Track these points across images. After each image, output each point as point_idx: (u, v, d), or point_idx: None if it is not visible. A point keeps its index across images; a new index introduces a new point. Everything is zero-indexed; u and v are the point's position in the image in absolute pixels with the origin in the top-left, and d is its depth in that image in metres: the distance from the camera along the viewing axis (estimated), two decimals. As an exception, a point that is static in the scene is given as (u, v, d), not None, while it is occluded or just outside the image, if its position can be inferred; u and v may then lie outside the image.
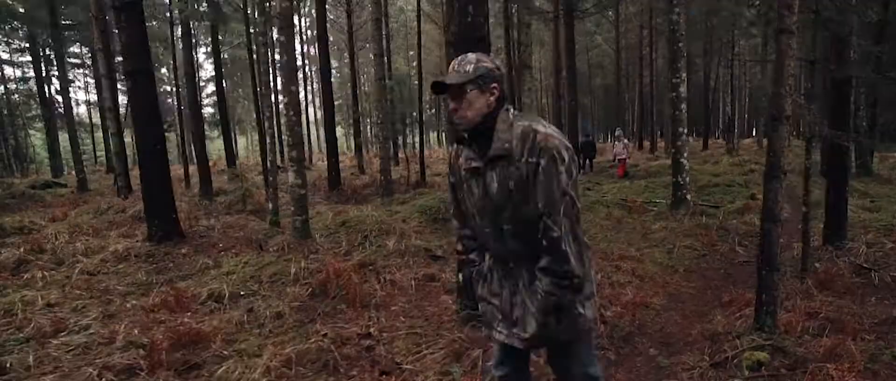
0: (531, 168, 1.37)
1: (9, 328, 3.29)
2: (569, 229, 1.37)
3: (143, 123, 5.25)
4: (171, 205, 5.47)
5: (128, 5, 5.09)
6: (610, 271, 4.20)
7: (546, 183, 1.36)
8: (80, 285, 4.27)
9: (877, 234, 4.89)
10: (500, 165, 1.42)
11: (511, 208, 1.42)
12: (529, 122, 1.42)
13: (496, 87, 1.46)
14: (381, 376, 2.32)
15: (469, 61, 1.46)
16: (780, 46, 2.63)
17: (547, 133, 1.38)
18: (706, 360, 2.70)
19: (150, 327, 3.15)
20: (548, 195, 1.36)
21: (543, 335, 1.47)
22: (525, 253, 1.46)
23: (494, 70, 1.46)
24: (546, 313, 1.43)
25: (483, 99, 1.44)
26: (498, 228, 1.47)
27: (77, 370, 2.64)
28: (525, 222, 1.42)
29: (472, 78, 1.43)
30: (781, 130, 2.68)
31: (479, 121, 1.45)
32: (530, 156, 1.37)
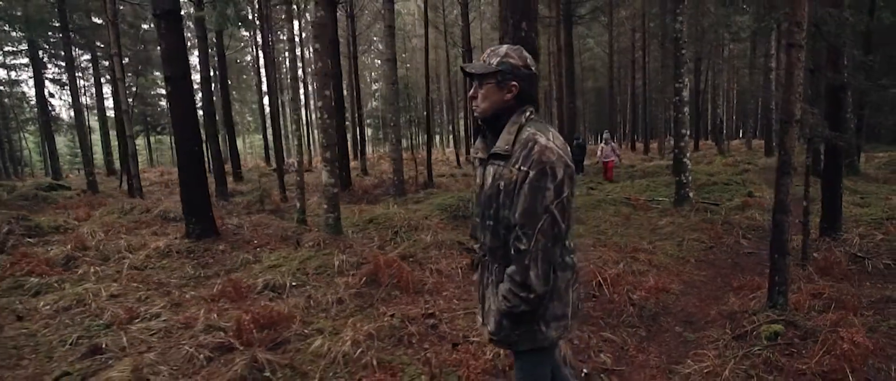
0: (520, 176, 1.37)
1: (87, 316, 3.55)
2: (541, 247, 1.35)
3: (181, 126, 5.51)
4: (207, 204, 5.72)
5: (168, 13, 5.35)
6: (629, 262, 4.57)
7: (529, 196, 1.35)
8: (134, 278, 4.52)
9: (867, 227, 5.33)
10: (498, 162, 1.45)
11: (496, 206, 1.46)
12: (536, 130, 1.41)
13: (516, 85, 1.46)
14: (454, 347, 2.65)
15: (497, 54, 1.47)
16: (791, 59, 3.02)
17: (546, 146, 1.37)
18: (728, 333, 3.07)
19: (221, 313, 3.44)
20: (527, 208, 1.35)
21: (500, 336, 1.51)
22: (499, 251, 1.49)
23: (519, 68, 1.46)
24: (501, 314, 1.46)
25: (499, 94, 1.46)
26: (485, 219, 1.52)
27: (170, 349, 2.93)
28: (504, 223, 1.45)
29: (493, 71, 1.46)
30: (792, 132, 3.07)
31: (490, 114, 1.48)
32: (523, 164, 1.37)
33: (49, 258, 5.00)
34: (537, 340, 1.49)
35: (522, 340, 1.50)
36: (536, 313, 1.46)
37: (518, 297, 1.40)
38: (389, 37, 8.30)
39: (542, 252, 1.36)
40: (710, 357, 2.77)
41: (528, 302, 1.40)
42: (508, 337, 1.51)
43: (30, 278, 4.51)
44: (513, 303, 1.41)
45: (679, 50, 6.90)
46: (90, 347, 2.96)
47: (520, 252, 1.37)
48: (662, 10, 17.91)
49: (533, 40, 2.88)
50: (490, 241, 1.51)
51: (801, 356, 2.69)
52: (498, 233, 1.48)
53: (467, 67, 1.50)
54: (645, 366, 2.85)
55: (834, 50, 4.34)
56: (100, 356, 2.90)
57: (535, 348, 1.52)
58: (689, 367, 2.72)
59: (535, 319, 1.47)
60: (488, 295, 1.54)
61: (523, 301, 1.40)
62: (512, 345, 1.54)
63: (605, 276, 3.87)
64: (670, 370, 2.77)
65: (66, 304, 3.80)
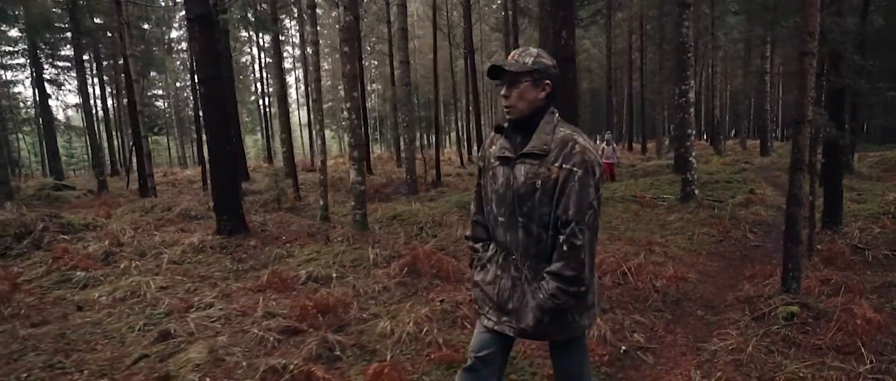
0: (564, 174, 1.41)
1: (145, 306, 3.76)
2: (589, 241, 1.43)
3: (214, 126, 5.71)
4: (238, 202, 5.93)
5: (201, 17, 5.55)
6: (647, 254, 4.85)
7: (579, 192, 1.41)
8: (175, 272, 4.73)
9: (865, 221, 5.66)
10: (531, 161, 1.47)
11: (531, 203, 1.47)
12: (571, 131, 1.48)
13: (549, 84, 1.51)
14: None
15: (530, 54, 1.51)
16: (804, 65, 3.31)
17: (585, 146, 1.44)
18: (747, 315, 3.36)
19: (276, 302, 3.67)
20: (579, 204, 1.41)
21: (538, 330, 1.54)
22: (531, 248, 1.51)
23: (551, 68, 1.51)
24: (544, 311, 1.48)
25: (535, 92, 1.49)
26: (513, 218, 1.52)
27: (237, 333, 3.15)
28: (540, 221, 1.48)
29: (530, 69, 1.48)
30: (805, 132, 3.36)
31: (527, 113, 1.50)
32: (565, 162, 1.42)
33: (89, 254, 5.20)
34: (572, 330, 1.56)
35: (559, 331, 1.56)
36: (577, 306, 1.51)
37: (568, 293, 1.43)
38: (403, 40, 8.55)
39: (590, 246, 1.44)
40: (733, 336, 3.05)
41: (577, 296, 1.45)
42: (547, 331, 1.54)
43: (75, 272, 4.70)
44: (563, 299, 1.44)
45: (685, 53, 7.22)
46: (160, 332, 3.18)
47: (575, 248, 1.41)
48: (660, 12, 18.29)
49: (572, 47, 3.15)
50: (523, 238, 1.52)
51: (816, 333, 2.98)
52: (531, 230, 1.50)
53: (505, 64, 1.49)
54: (674, 345, 3.13)
55: (836, 55, 4.66)
56: (171, 340, 3.11)
57: (568, 337, 1.61)
58: (715, 345, 3.00)
59: (572, 310, 1.52)
60: (517, 294, 1.54)
61: (572, 296, 1.44)
62: (547, 336, 1.62)
63: (629, 266, 4.14)
64: (698, 348, 3.05)
65: (121, 295, 4.00)
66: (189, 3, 5.57)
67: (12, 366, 2.77)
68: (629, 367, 2.80)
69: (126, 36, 9.59)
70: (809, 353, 2.78)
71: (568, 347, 1.68)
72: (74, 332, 3.30)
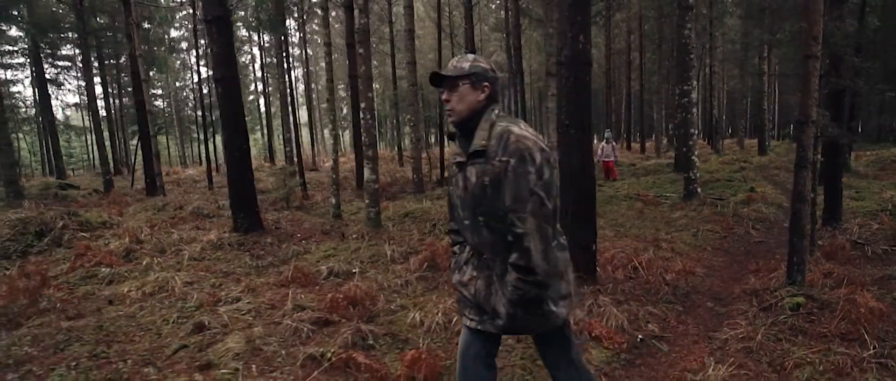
0: (503, 166, 1.46)
1: (175, 300, 3.89)
2: (535, 228, 1.43)
3: (230, 126, 5.84)
4: (254, 200, 6.06)
5: (218, 19, 5.68)
6: (654, 250, 5.02)
7: (514, 182, 1.44)
8: (197, 268, 4.85)
9: (864, 218, 5.85)
10: (478, 161, 1.52)
11: (486, 202, 1.51)
12: (508, 124, 1.52)
13: (488, 86, 1.58)
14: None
15: (466, 59, 1.59)
16: (808, 68, 3.48)
17: (520, 135, 1.47)
18: (755, 306, 3.52)
19: (302, 295, 3.80)
20: (515, 193, 1.44)
21: (514, 324, 1.55)
22: (498, 245, 1.54)
23: (488, 71, 1.58)
24: (513, 304, 1.50)
25: (474, 95, 1.56)
26: (475, 219, 1.57)
27: (270, 325, 3.29)
28: (497, 217, 1.51)
29: (467, 73, 1.56)
30: (809, 131, 3.53)
31: (466, 115, 1.57)
32: (503, 155, 1.46)
33: (111, 251, 5.31)
34: (550, 320, 1.56)
35: (537, 323, 1.57)
36: (545, 294, 1.51)
37: (526, 282, 1.45)
38: (409, 40, 8.70)
39: (538, 232, 1.43)
40: (742, 325, 3.22)
41: (536, 285, 1.46)
42: (524, 324, 1.56)
43: (100, 268, 4.82)
44: (523, 289, 1.46)
45: (687, 54, 7.40)
46: (195, 324, 3.31)
47: (517, 237, 1.44)
48: (659, 13, 18.48)
49: (588, 51, 3.29)
50: (488, 237, 1.56)
51: (821, 322, 3.15)
52: (492, 227, 1.53)
53: (443, 70, 1.59)
54: (686, 334, 3.29)
55: (836, 58, 4.83)
56: (206, 331, 3.24)
57: (549, 327, 1.60)
58: (725, 334, 3.17)
59: (545, 300, 1.53)
60: (493, 291, 1.57)
61: (532, 285, 1.45)
62: (528, 330, 1.64)
63: (639, 260, 4.31)
64: (709, 337, 3.21)
65: (150, 290, 4.13)
66: (207, 6, 5.69)
67: (60, 356, 2.90)
68: (646, 354, 2.96)
69: (136, 36, 9.68)
70: (816, 340, 2.95)
71: (550, 338, 1.68)
72: (111, 324, 3.43)
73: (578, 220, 3.57)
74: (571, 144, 3.49)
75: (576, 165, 3.53)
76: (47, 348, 3.00)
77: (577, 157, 3.51)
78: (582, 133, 3.45)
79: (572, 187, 3.56)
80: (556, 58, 11.46)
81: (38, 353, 2.94)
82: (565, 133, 3.47)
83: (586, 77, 3.36)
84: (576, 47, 3.20)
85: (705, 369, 2.69)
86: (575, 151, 3.50)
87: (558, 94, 3.66)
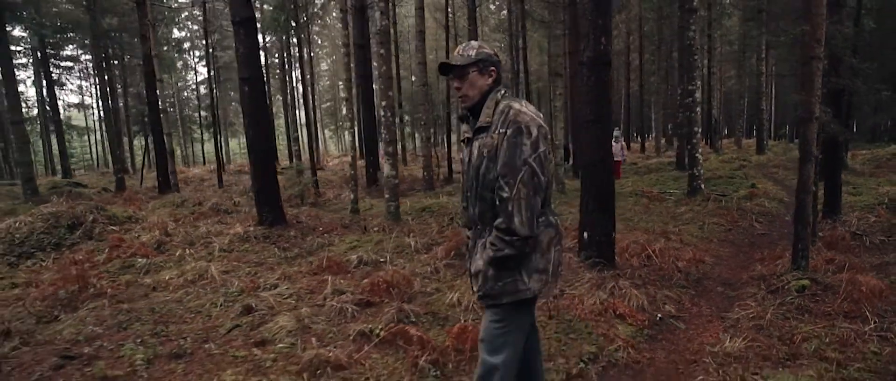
0: (500, 138, 1.54)
1: (216, 286, 4.11)
2: (523, 196, 1.49)
3: (255, 124, 6.06)
4: (278, 196, 6.28)
5: (246, 21, 5.90)
6: (665, 241, 5.28)
7: (508, 150, 1.52)
8: (230, 258, 5.08)
9: (861, 212, 6.13)
10: (481, 136, 1.63)
11: (483, 172, 1.60)
12: (510, 101, 1.62)
13: (494, 70, 1.67)
14: (554, 299, 3.31)
15: (472, 47, 1.67)
16: (812, 69, 3.75)
17: (519, 110, 1.56)
18: (763, 289, 3.79)
19: (337, 281, 4.04)
20: (507, 161, 1.52)
21: (485, 287, 1.60)
22: (487, 214, 1.62)
23: (493, 56, 1.68)
24: (487, 263, 1.57)
25: (483, 80, 1.66)
26: (475, 190, 1.65)
27: (314, 307, 3.52)
28: (489, 187, 1.59)
29: (474, 61, 1.65)
30: (812, 127, 3.79)
31: (478, 99, 1.67)
32: (501, 127, 1.56)
33: (144, 243, 5.53)
34: (519, 291, 1.58)
35: (505, 292, 1.59)
36: (520, 263, 1.56)
37: (503, 241, 1.51)
38: (420, 41, 8.94)
39: (525, 200, 1.49)
40: (752, 306, 3.48)
41: (512, 245, 1.51)
42: (492, 289, 1.59)
43: (136, 259, 5.05)
44: (498, 247, 1.52)
45: (691, 56, 7.67)
46: (243, 307, 3.54)
47: (502, 200, 1.52)
48: (658, 15, 18.79)
49: (608, 52, 3.54)
50: (479, 206, 1.64)
51: (825, 302, 3.41)
52: (484, 197, 1.62)
53: (452, 60, 1.67)
54: (700, 314, 3.55)
55: (835, 59, 5.11)
56: (255, 313, 3.47)
57: (516, 300, 1.60)
58: (737, 314, 3.42)
59: (518, 269, 1.57)
60: (478, 256, 1.64)
61: (508, 245, 1.51)
62: (495, 298, 1.61)
63: (652, 249, 4.56)
64: (722, 317, 3.47)
65: (191, 278, 4.36)
66: (235, 7, 5.91)
67: (124, 334, 3.13)
68: (666, 331, 3.22)
69: (151, 36, 9.88)
70: (821, 318, 3.21)
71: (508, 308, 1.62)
72: (162, 308, 3.65)
73: (599, 210, 3.82)
74: (592, 138, 3.75)
75: (596, 158, 3.78)
76: (111, 327, 3.23)
77: (597, 150, 3.77)
78: (602, 128, 3.71)
79: (593, 179, 3.82)
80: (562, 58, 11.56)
81: (104, 331, 3.16)
82: (587, 129, 3.72)
83: (607, 76, 3.61)
84: (598, 49, 3.45)
85: (721, 342, 2.94)
86: (596, 145, 3.76)
87: (580, 92, 3.90)
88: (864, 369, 2.55)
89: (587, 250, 3.89)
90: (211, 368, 2.68)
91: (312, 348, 2.73)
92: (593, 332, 2.91)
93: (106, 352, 2.85)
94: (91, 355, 2.79)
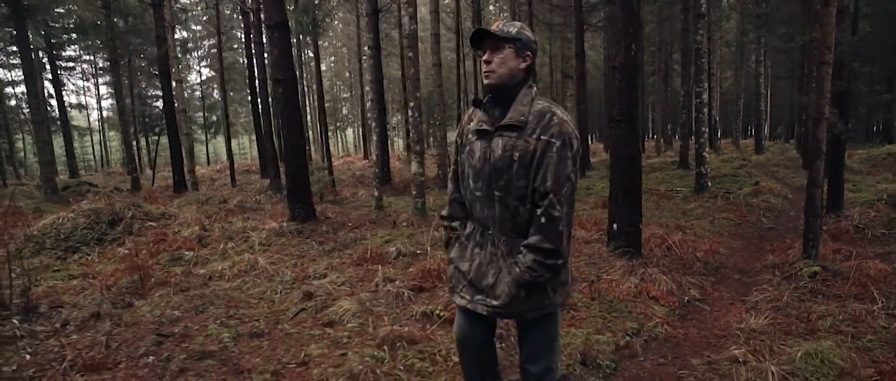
0: (542, 146, 1.41)
1: (268, 276, 4.40)
2: (566, 214, 1.42)
3: (288, 124, 6.35)
4: (309, 192, 6.57)
5: (279, 24, 6.18)
6: (679, 234, 5.62)
7: (557, 164, 1.40)
8: (272, 251, 5.36)
9: (862, 207, 6.51)
10: (509, 134, 1.46)
11: (508, 176, 1.46)
12: (549, 104, 1.48)
13: (530, 56, 1.52)
14: (591, 284, 3.63)
15: (514, 25, 1.51)
16: (822, 73, 4.10)
17: (563, 118, 1.45)
18: (777, 276, 4.13)
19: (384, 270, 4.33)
20: (557, 176, 1.40)
21: (511, 306, 1.50)
22: (507, 223, 1.50)
23: (533, 43, 1.53)
24: (520, 286, 1.45)
25: (516, 62, 1.50)
26: (490, 192, 1.51)
27: (370, 293, 3.81)
28: (517, 194, 1.46)
29: (514, 37, 1.49)
30: (822, 127, 4.14)
31: (506, 80, 1.49)
32: (543, 133, 1.42)
33: (186, 237, 5.80)
34: (545, 307, 1.53)
35: (532, 308, 1.52)
36: (552, 281, 1.48)
37: (545, 265, 1.41)
38: (435, 44, 9.25)
39: (567, 219, 1.44)
40: (769, 290, 3.82)
41: (554, 270, 1.43)
42: (521, 307, 1.50)
43: (182, 251, 5.32)
44: (539, 272, 1.42)
45: (700, 59, 8.04)
46: (304, 293, 3.83)
47: (553, 219, 1.40)
48: (658, 18, 19.20)
49: (639, 59, 3.87)
50: (499, 212, 1.50)
51: (835, 286, 3.76)
52: (507, 204, 1.48)
53: (493, 29, 1.49)
54: (721, 298, 3.88)
55: (840, 63, 5.47)
56: (315, 298, 3.76)
57: (540, 315, 1.55)
58: (755, 297, 3.76)
59: (546, 286, 1.49)
60: (492, 270, 1.52)
61: (549, 269, 1.42)
62: (519, 315, 1.55)
63: (672, 241, 4.90)
64: (742, 300, 3.80)
65: (242, 268, 4.64)
66: (268, 11, 6.20)
67: (203, 316, 3.41)
68: (694, 312, 3.55)
69: (170, 38, 10.11)
70: (833, 300, 3.55)
71: (540, 323, 1.60)
72: (226, 295, 3.93)
73: (628, 203, 4.16)
74: (622, 136, 4.07)
75: (626, 154, 4.11)
76: (188, 310, 3.51)
77: (626, 147, 4.10)
78: (631, 127, 4.04)
79: (623, 174, 4.15)
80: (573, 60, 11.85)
81: (182, 315, 3.45)
82: (617, 127, 4.05)
83: (636, 79, 3.94)
84: (628, 55, 3.77)
85: (746, 320, 3.27)
86: (625, 142, 4.09)
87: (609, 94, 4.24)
88: (875, 340, 2.89)
89: (616, 240, 4.22)
90: (292, 344, 2.98)
91: (385, 325, 3.03)
92: (632, 311, 3.24)
93: (193, 331, 3.13)
94: (182, 334, 3.08)
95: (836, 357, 2.52)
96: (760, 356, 2.62)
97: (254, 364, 2.72)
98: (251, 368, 2.68)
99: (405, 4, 5.77)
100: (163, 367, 2.65)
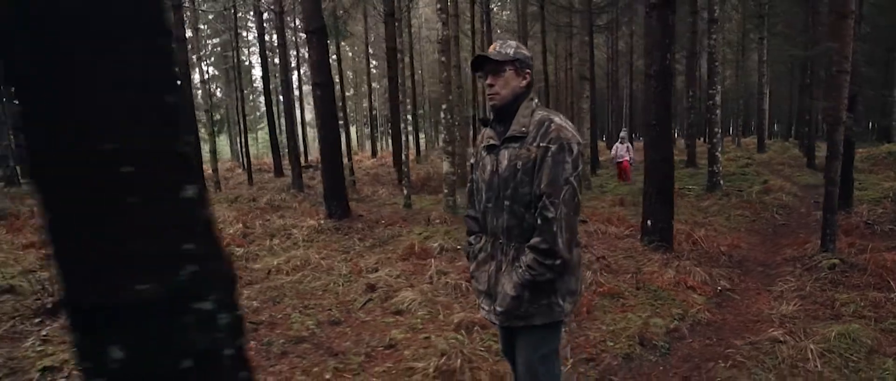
0: (541, 152, 1.48)
1: (324, 270, 4.70)
2: (564, 216, 1.45)
3: (326, 125, 6.65)
4: (345, 191, 6.88)
5: (318, 30, 6.48)
6: (701, 230, 5.96)
7: (552, 167, 1.46)
8: (318, 247, 5.66)
9: (870, 204, 6.87)
10: (513, 145, 1.55)
11: (513, 185, 1.53)
12: (548, 113, 1.56)
13: (528, 73, 1.62)
14: (634, 275, 3.97)
15: (510, 45, 1.60)
16: (839, 80, 4.44)
17: (561, 124, 1.51)
18: (799, 268, 4.48)
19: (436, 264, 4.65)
20: (551, 178, 1.46)
21: (515, 309, 1.53)
22: (515, 230, 1.55)
23: (529, 59, 1.63)
24: (522, 286, 1.50)
25: (517, 81, 1.59)
26: (499, 202, 1.58)
27: (426, 285, 4.13)
28: (522, 201, 1.53)
29: (512, 59, 1.57)
30: (840, 130, 4.48)
31: (510, 100, 1.58)
32: (541, 141, 1.49)
33: (232, 234, 6.09)
34: (553, 314, 1.56)
35: (539, 314, 1.55)
36: (555, 285, 1.53)
37: (543, 265, 1.46)
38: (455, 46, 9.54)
39: (566, 220, 1.46)
40: (792, 281, 4.16)
41: (552, 269, 1.47)
42: (526, 311, 1.54)
43: (232, 248, 5.61)
44: (537, 271, 1.47)
45: (713, 62, 8.37)
46: (367, 285, 4.14)
47: (547, 220, 1.45)
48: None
49: (673, 67, 4.18)
50: (507, 220, 1.57)
51: (854, 276, 4.10)
52: (515, 211, 1.55)
53: (490, 54, 1.58)
54: (749, 289, 4.23)
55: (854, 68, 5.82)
56: (378, 290, 4.08)
57: (549, 322, 1.57)
58: (780, 287, 4.11)
59: (553, 292, 1.53)
60: (504, 278, 1.56)
61: (548, 269, 1.46)
62: (526, 319, 1.57)
63: (697, 236, 5.24)
64: (768, 290, 4.14)
65: (297, 263, 4.93)
66: (308, 18, 6.49)
67: (282, 306, 3.72)
68: (726, 300, 3.89)
69: (195, 39, 10.36)
70: (853, 289, 3.90)
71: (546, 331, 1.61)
72: (292, 287, 4.24)
73: (661, 202, 4.49)
74: (656, 139, 4.41)
75: (659, 156, 4.44)
76: (266, 301, 3.82)
77: (660, 150, 4.43)
78: (664, 130, 4.37)
79: (657, 174, 4.48)
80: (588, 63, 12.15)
81: (261, 305, 3.76)
82: (652, 130, 4.38)
83: (670, 86, 4.26)
84: (664, 63, 4.09)
85: (776, 307, 3.61)
86: (659, 145, 4.42)
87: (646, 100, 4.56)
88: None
89: (650, 236, 4.56)
90: (374, 330, 3.29)
91: (458, 312, 3.35)
92: (675, 298, 3.57)
93: (279, 319, 3.45)
94: (270, 322, 3.39)
95: (865, 337, 2.86)
96: (797, 337, 2.96)
97: (344, 348, 3.03)
98: (343, 351, 2.99)
99: (439, 11, 6.06)
100: (266, 350, 2.96)
